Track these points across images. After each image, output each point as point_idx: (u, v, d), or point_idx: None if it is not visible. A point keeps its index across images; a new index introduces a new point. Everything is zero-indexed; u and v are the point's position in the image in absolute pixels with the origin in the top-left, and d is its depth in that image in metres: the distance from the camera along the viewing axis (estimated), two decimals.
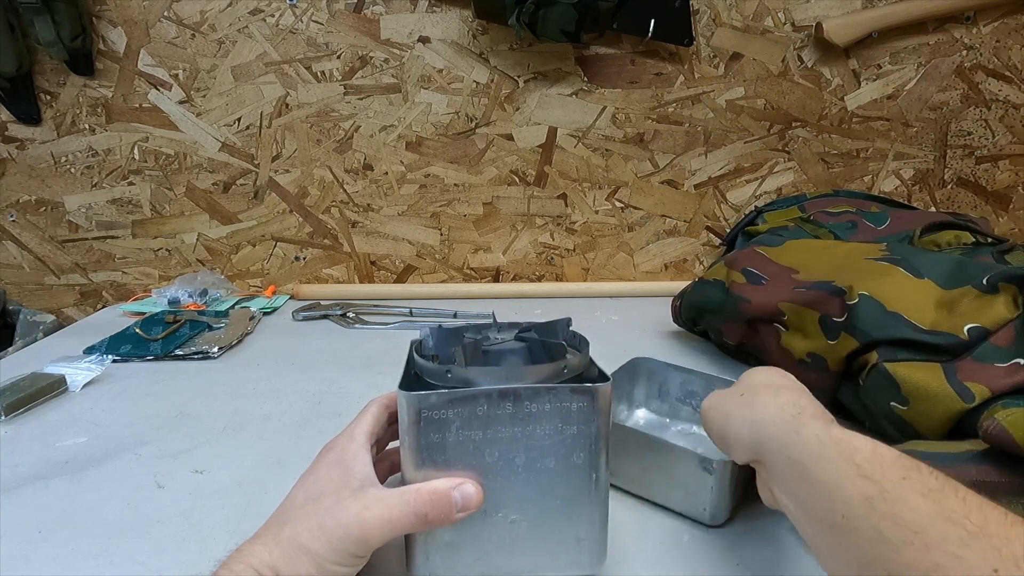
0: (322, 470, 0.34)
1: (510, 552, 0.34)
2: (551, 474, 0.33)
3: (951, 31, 0.89)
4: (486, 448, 0.32)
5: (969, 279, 0.48)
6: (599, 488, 0.34)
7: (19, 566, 0.38)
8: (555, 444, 0.33)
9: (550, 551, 0.35)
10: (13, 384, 0.59)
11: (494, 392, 0.31)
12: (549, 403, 0.32)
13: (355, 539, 0.30)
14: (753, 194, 0.97)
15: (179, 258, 0.99)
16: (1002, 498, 0.32)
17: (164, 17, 0.87)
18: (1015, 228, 0.99)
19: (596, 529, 0.35)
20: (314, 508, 0.31)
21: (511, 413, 0.32)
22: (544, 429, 0.33)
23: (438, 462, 0.32)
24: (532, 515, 0.34)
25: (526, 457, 0.33)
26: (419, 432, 0.32)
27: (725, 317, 0.65)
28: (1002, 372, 0.41)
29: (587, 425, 0.33)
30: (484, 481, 0.32)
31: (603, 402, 0.33)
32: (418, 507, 0.31)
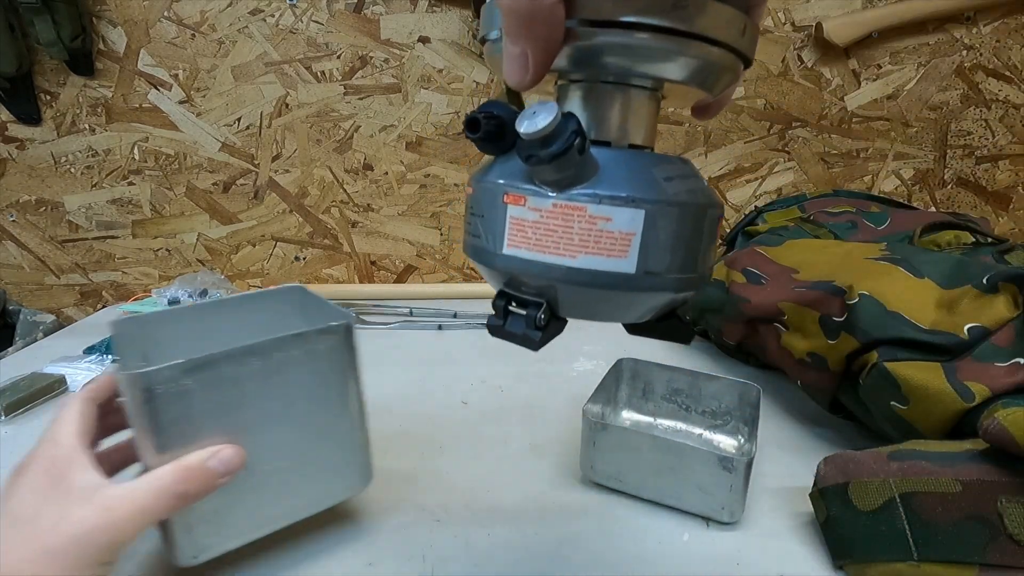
0: (25, 489, 0.29)
1: (283, 498, 0.35)
2: (308, 414, 0.34)
3: (951, 31, 0.89)
4: (238, 408, 0.32)
5: (969, 279, 0.48)
6: (354, 414, 0.36)
7: None
8: (308, 386, 0.34)
9: (322, 485, 0.36)
10: (13, 384, 0.59)
11: (236, 352, 0.31)
12: (297, 349, 0.33)
13: (103, 546, 0.27)
14: (753, 194, 0.97)
15: (179, 258, 0.99)
16: (1002, 498, 0.32)
17: (164, 17, 0.87)
18: (1015, 228, 0.99)
19: (359, 451, 0.37)
20: (29, 533, 0.27)
21: (259, 368, 0.32)
22: (296, 375, 0.33)
23: (187, 436, 0.30)
24: (296, 457, 0.35)
25: (281, 404, 0.33)
26: (155, 411, 0.29)
27: (725, 317, 0.65)
28: (1002, 372, 0.41)
29: (337, 361, 0.35)
30: (242, 439, 0.32)
31: (349, 337, 0.35)
32: (175, 486, 0.29)
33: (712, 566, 0.38)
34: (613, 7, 0.21)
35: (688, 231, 0.24)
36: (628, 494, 0.44)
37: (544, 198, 0.23)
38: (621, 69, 0.24)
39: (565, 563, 0.38)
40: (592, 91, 0.25)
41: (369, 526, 0.41)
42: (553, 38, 0.21)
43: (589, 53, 0.23)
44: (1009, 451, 0.33)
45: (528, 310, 0.25)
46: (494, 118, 0.23)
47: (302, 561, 0.38)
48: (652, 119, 0.27)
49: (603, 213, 0.23)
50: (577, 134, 0.21)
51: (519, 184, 0.24)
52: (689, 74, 0.24)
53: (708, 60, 0.23)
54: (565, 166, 0.22)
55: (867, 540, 0.35)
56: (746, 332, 0.63)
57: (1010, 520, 0.32)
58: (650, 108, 0.26)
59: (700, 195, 0.25)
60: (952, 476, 0.34)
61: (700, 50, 0.23)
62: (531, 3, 0.20)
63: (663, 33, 0.22)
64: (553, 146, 0.21)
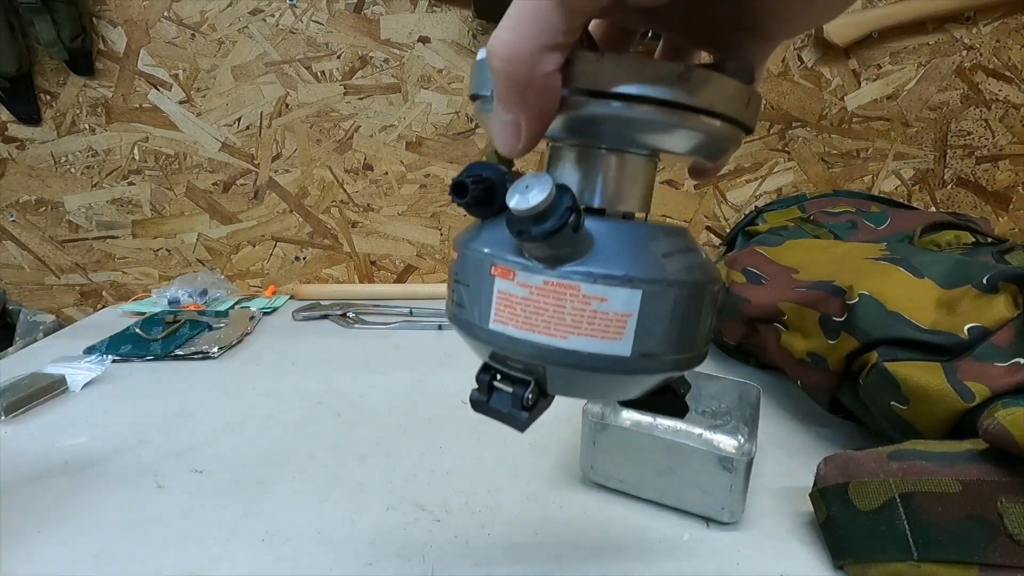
0: None
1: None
2: None
3: (951, 31, 0.89)
4: None
5: (969, 279, 0.48)
6: None
7: (19, 566, 0.38)
8: None
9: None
10: (13, 384, 0.59)
11: None
12: None
13: None
14: (753, 194, 0.97)
15: (179, 258, 0.99)
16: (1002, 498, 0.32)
17: (164, 17, 0.87)
18: (1015, 228, 0.99)
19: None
20: None
21: None
22: None
23: None
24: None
25: None
26: None
27: (725, 317, 0.65)
28: (1002, 372, 0.41)
29: None
30: None
31: None
32: None
33: (712, 566, 0.38)
34: (613, 78, 0.20)
35: (687, 310, 0.23)
36: (628, 494, 0.44)
37: (535, 274, 0.22)
38: (618, 139, 0.23)
39: (565, 563, 0.38)
40: (586, 155, 0.24)
41: (369, 526, 0.41)
42: (548, 107, 0.20)
43: (585, 123, 0.22)
44: (1009, 451, 0.33)
45: (515, 388, 0.24)
46: (483, 182, 0.22)
47: (302, 560, 0.38)
48: (649, 185, 0.25)
49: (597, 293, 0.21)
50: (572, 211, 0.20)
51: (508, 256, 0.22)
52: (690, 147, 0.23)
53: (711, 133, 0.22)
54: (558, 244, 0.21)
55: (867, 540, 0.35)
56: (746, 332, 0.63)
57: (1010, 520, 0.32)
58: (647, 173, 0.25)
59: (700, 271, 0.23)
60: (952, 476, 0.34)
61: (702, 124, 0.22)
62: (527, 70, 0.19)
63: (664, 107, 0.21)
64: (547, 223, 0.20)
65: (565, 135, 0.23)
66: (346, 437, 0.53)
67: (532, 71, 0.19)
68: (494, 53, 0.19)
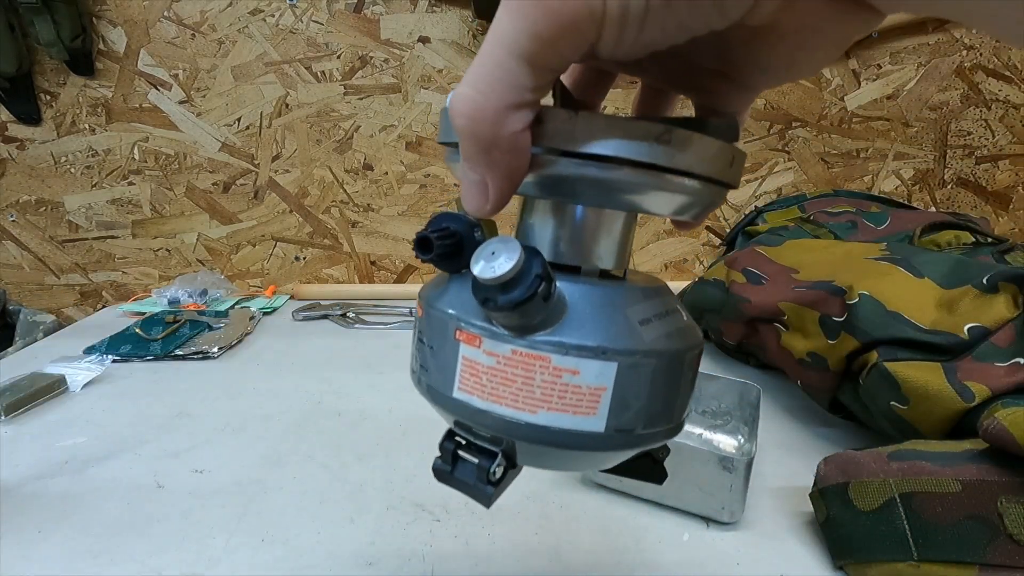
0: None
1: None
2: None
3: (951, 31, 0.89)
4: None
5: (969, 278, 0.48)
6: None
7: (19, 566, 0.38)
8: None
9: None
10: (13, 384, 0.59)
11: None
12: None
13: None
14: (753, 194, 0.97)
15: (179, 258, 0.99)
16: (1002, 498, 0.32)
17: (164, 17, 0.87)
18: (1015, 228, 0.99)
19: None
20: None
21: None
22: None
23: None
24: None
25: None
26: None
27: (725, 317, 0.65)
28: (1002, 372, 0.41)
29: None
30: None
31: None
32: None
33: (712, 566, 0.38)
34: (587, 138, 0.18)
35: (665, 382, 0.21)
36: (628, 494, 0.44)
37: (502, 343, 0.20)
38: (594, 199, 0.21)
39: (565, 563, 0.38)
40: (560, 210, 0.22)
41: (369, 526, 0.41)
42: (516, 167, 0.19)
43: (558, 183, 0.20)
44: (1009, 451, 0.33)
45: (480, 460, 0.22)
46: (449, 236, 0.20)
47: (302, 560, 0.38)
48: (627, 240, 0.23)
49: (569, 365, 0.20)
50: (542, 279, 0.19)
51: (475, 321, 0.20)
52: (670, 209, 0.21)
53: (691, 194, 0.20)
54: (527, 314, 0.19)
55: (867, 540, 0.35)
56: (746, 332, 0.63)
57: (1010, 520, 0.32)
58: (626, 229, 0.23)
59: (679, 338, 0.22)
60: (952, 476, 0.34)
61: (683, 186, 0.20)
62: (492, 129, 0.17)
63: (642, 168, 0.19)
64: (514, 293, 0.18)
65: (538, 193, 0.21)
66: (346, 437, 0.53)
67: (498, 130, 0.18)
68: (456, 111, 0.18)
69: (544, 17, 0.16)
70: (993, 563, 0.32)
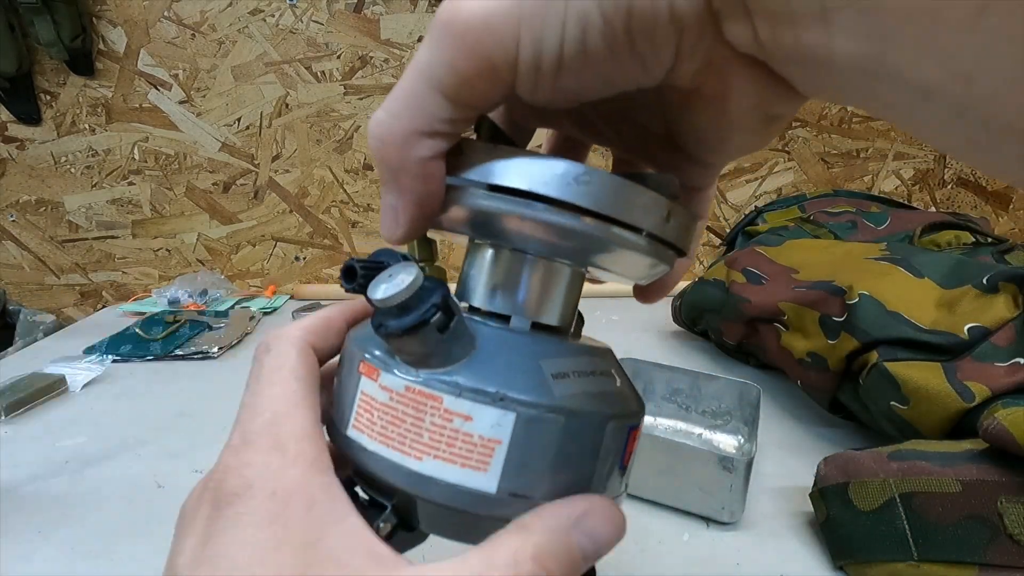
0: (236, 547, 0.16)
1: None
2: None
3: None
4: None
5: (969, 278, 0.48)
6: None
7: (19, 566, 0.38)
8: None
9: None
10: (13, 384, 0.59)
11: None
12: None
13: None
14: (753, 194, 0.97)
15: (179, 258, 0.99)
16: (1002, 498, 0.32)
17: (164, 17, 0.87)
18: (1015, 228, 0.99)
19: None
20: None
21: None
22: None
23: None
24: None
25: None
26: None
27: (725, 317, 0.65)
28: (1002, 371, 0.41)
29: None
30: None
31: None
32: None
33: (712, 566, 0.38)
34: (503, 171, 0.18)
35: (577, 448, 0.18)
36: (628, 494, 0.44)
37: (397, 378, 0.18)
38: (517, 240, 0.19)
39: None
40: (500, 254, 0.21)
41: None
42: (425, 195, 0.18)
43: (480, 220, 0.19)
44: (1009, 451, 0.33)
45: (367, 511, 0.19)
46: (376, 268, 0.19)
47: None
48: (571, 296, 0.22)
49: (462, 409, 0.18)
50: (438, 308, 0.18)
51: (375, 353, 0.19)
52: (598, 259, 0.19)
53: (623, 246, 0.19)
54: (421, 344, 0.18)
55: (867, 540, 0.35)
56: (746, 332, 0.63)
57: (1010, 520, 0.32)
58: (570, 283, 0.21)
59: (602, 402, 0.19)
60: (952, 476, 0.34)
61: (606, 232, 0.18)
62: (399, 153, 0.17)
63: (557, 207, 0.18)
64: (405, 318, 0.18)
65: (468, 231, 0.20)
66: None
67: (405, 154, 0.17)
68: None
69: (460, 53, 0.16)
70: (993, 563, 0.32)
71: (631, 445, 0.20)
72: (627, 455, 0.20)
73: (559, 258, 0.20)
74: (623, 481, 0.21)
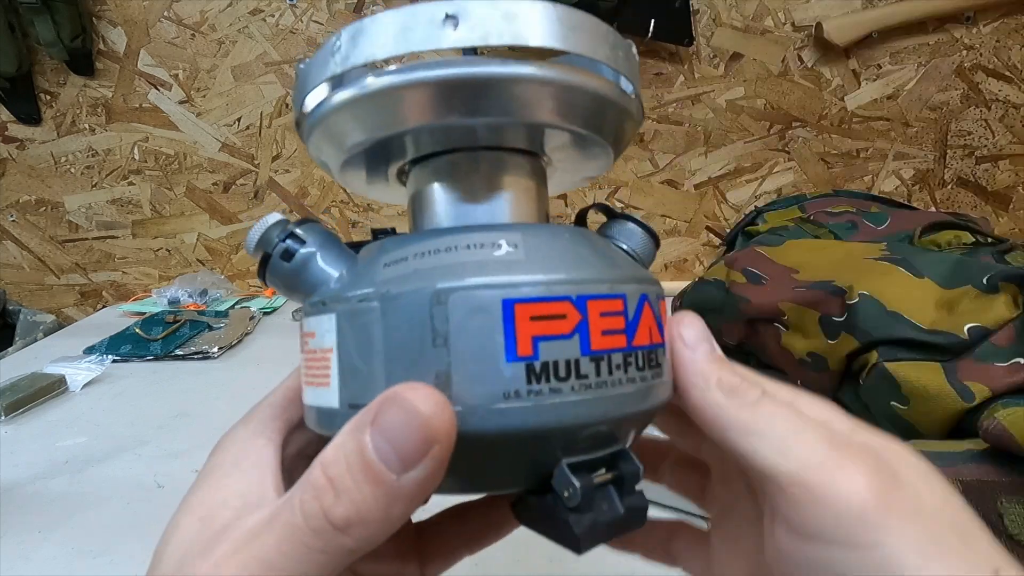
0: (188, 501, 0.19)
1: None
2: None
3: (951, 31, 0.89)
4: None
5: (969, 279, 0.48)
6: None
7: (19, 566, 0.38)
8: None
9: None
10: (13, 384, 0.59)
11: None
12: None
13: None
14: (753, 194, 0.97)
15: (179, 258, 0.99)
16: (1002, 498, 0.32)
17: (164, 17, 0.87)
18: (1015, 228, 0.99)
19: None
20: None
21: None
22: None
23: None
24: None
25: None
26: None
27: (725, 317, 0.65)
28: (1002, 371, 0.41)
29: None
30: None
31: None
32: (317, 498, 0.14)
33: None
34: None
35: (400, 336, 0.15)
36: None
37: (295, 321, 0.20)
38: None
39: (565, 563, 0.38)
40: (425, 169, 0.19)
41: None
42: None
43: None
44: (1009, 451, 0.33)
45: None
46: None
47: None
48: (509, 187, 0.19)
49: (309, 328, 0.17)
50: (282, 240, 0.18)
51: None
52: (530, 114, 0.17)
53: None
54: (277, 275, 0.18)
55: None
56: (746, 332, 0.63)
57: (1010, 520, 0.32)
58: (495, 172, 0.19)
59: (436, 276, 0.15)
60: (952, 476, 0.34)
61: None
62: None
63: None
64: (258, 254, 0.18)
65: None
66: None
67: None
68: None
69: None
70: None
71: (521, 323, 0.15)
72: (519, 335, 0.15)
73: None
74: (515, 371, 0.15)
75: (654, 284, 0.17)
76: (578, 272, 0.16)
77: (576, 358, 0.15)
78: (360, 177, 0.21)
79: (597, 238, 0.19)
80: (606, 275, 0.16)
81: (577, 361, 0.15)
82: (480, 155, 0.19)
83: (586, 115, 0.18)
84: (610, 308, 0.15)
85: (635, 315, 0.16)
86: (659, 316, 0.17)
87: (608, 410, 0.15)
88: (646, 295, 0.16)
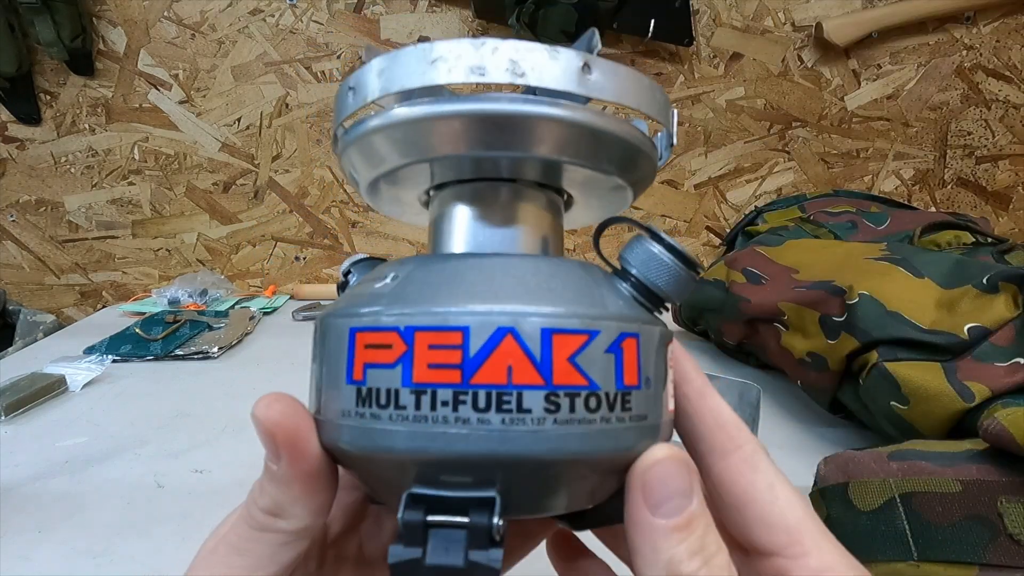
0: None
1: None
2: None
3: (951, 31, 0.89)
4: None
5: (969, 278, 0.48)
6: None
7: (19, 566, 0.38)
8: None
9: None
10: (13, 384, 0.59)
11: None
12: None
13: None
14: (753, 194, 0.97)
15: (179, 258, 0.99)
16: (1002, 498, 0.32)
17: (164, 17, 0.87)
18: (1015, 228, 0.99)
19: None
20: None
21: None
22: None
23: None
24: None
25: None
26: None
27: (725, 317, 0.65)
28: (1002, 371, 0.41)
29: None
30: None
31: None
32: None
33: None
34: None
35: (326, 353, 0.17)
36: None
37: None
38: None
39: None
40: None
41: None
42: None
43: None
44: (1009, 451, 0.33)
45: None
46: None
47: None
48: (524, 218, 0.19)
49: None
50: (345, 274, 0.20)
51: None
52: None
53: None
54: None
55: (867, 540, 0.35)
56: (746, 332, 0.63)
57: (1010, 520, 0.32)
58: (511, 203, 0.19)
59: (341, 302, 0.17)
60: (952, 476, 0.34)
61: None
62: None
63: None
64: None
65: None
66: None
67: None
68: None
69: None
70: (993, 563, 0.32)
71: (358, 350, 0.16)
72: (356, 361, 0.16)
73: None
74: (349, 393, 0.16)
75: (570, 318, 0.15)
76: (431, 305, 0.15)
77: (396, 388, 0.15)
78: (386, 197, 0.22)
79: (581, 273, 0.17)
80: (469, 308, 0.15)
81: (397, 391, 0.15)
82: (500, 186, 0.19)
83: (615, 159, 0.18)
84: (441, 341, 0.15)
85: (481, 352, 0.15)
86: (545, 355, 0.15)
87: (427, 445, 0.14)
88: (549, 329, 0.15)
